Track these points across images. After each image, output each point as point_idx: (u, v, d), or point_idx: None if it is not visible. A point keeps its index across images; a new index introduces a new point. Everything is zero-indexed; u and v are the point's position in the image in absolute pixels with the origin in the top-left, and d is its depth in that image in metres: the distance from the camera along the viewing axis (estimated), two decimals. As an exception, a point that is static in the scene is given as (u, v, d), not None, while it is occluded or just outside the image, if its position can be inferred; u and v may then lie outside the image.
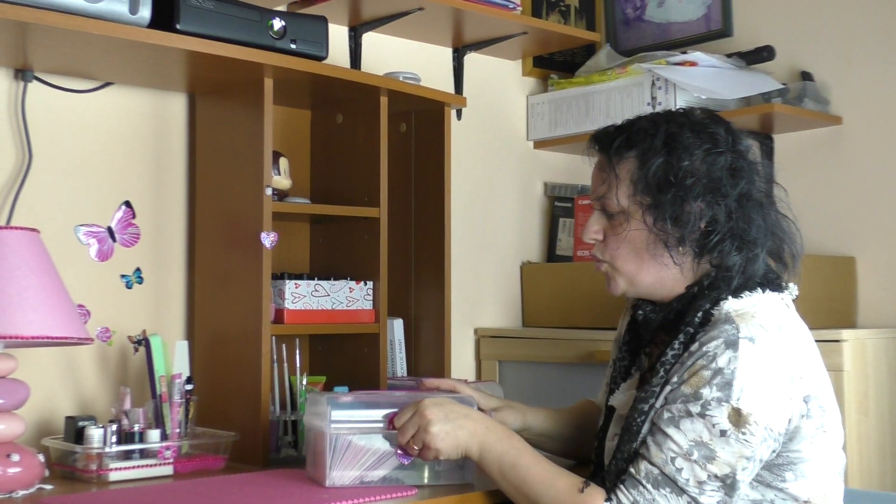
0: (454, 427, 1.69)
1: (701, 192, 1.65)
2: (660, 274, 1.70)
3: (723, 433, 1.53)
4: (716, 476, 1.53)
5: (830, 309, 2.56)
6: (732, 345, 1.55)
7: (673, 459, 1.54)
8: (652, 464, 1.56)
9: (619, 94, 2.77)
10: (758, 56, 2.77)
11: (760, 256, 1.68)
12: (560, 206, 3.00)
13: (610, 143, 1.72)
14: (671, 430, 1.55)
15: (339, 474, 1.71)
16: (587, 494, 1.60)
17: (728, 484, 1.54)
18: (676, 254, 1.67)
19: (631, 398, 1.72)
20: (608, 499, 1.58)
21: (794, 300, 1.73)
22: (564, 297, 2.80)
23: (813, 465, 1.61)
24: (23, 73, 2.04)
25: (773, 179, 1.77)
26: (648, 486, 1.55)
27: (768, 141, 2.82)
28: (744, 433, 1.53)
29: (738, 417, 1.52)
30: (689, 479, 1.53)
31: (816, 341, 1.70)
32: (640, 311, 1.76)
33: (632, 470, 1.58)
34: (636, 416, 1.63)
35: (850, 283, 2.69)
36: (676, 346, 1.64)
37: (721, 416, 1.53)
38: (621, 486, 1.58)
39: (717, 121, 1.74)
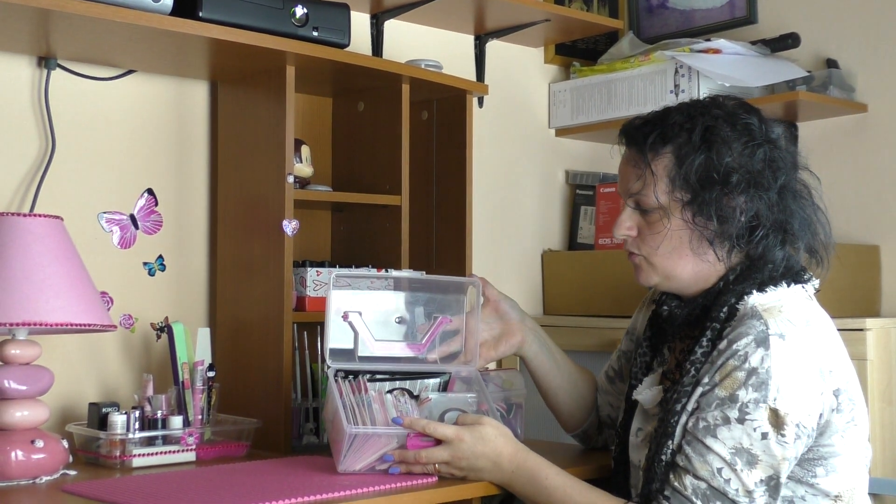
0: (476, 475, 1.70)
1: (744, 187, 1.63)
2: (698, 269, 1.68)
3: (763, 436, 1.51)
4: (761, 480, 1.52)
5: (854, 297, 2.55)
6: (763, 342, 1.53)
7: (719, 471, 1.52)
8: (698, 477, 1.53)
9: (641, 82, 2.76)
10: (782, 43, 2.75)
11: (801, 249, 1.67)
12: (582, 193, 2.99)
13: (643, 138, 1.69)
14: (710, 441, 1.53)
15: (354, 458, 1.72)
16: None
17: (773, 486, 1.52)
18: (720, 249, 1.66)
19: (658, 395, 1.71)
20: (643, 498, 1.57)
21: (815, 293, 1.71)
22: (585, 285, 2.79)
23: (843, 460, 1.59)
24: (46, 61, 2.04)
25: (808, 167, 1.74)
26: (697, 502, 1.53)
27: (792, 129, 2.80)
28: (783, 434, 1.51)
29: (776, 419, 1.51)
30: (738, 489, 1.51)
31: (840, 330, 1.69)
32: (665, 307, 1.75)
33: (676, 484, 1.55)
34: (670, 418, 1.60)
35: (874, 271, 2.67)
36: (704, 343, 1.62)
37: (761, 419, 1.51)
38: None
39: (748, 110, 1.71)
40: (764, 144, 1.66)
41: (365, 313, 1.87)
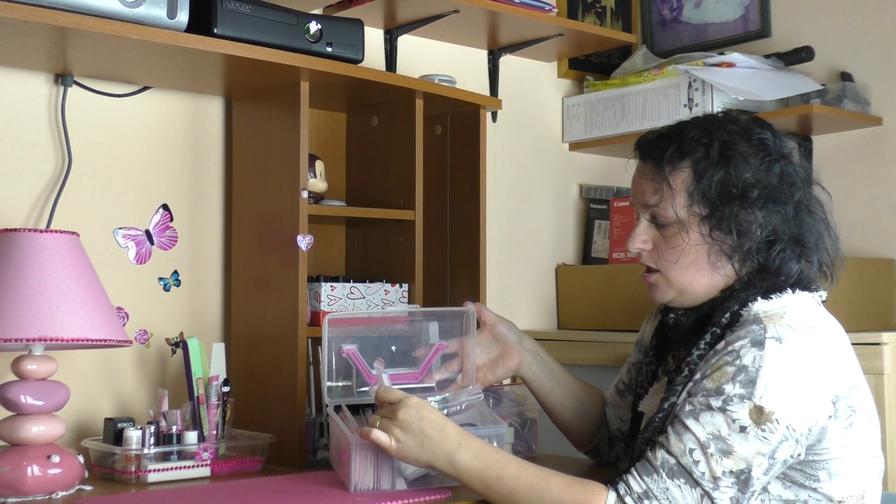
0: (420, 441, 1.63)
1: (763, 202, 1.65)
2: (712, 282, 1.69)
3: (742, 429, 1.52)
4: (731, 471, 1.52)
5: (870, 311, 2.54)
6: (758, 344, 1.55)
7: (691, 451, 1.53)
8: (669, 453, 1.55)
9: (655, 96, 2.76)
10: (796, 57, 2.75)
11: (814, 262, 1.68)
12: (595, 208, 2.99)
13: (660, 152, 1.70)
14: (690, 422, 1.55)
15: (364, 474, 1.72)
16: (587, 484, 1.58)
17: (742, 480, 1.53)
18: (737, 262, 1.67)
19: (659, 401, 1.71)
20: (610, 481, 1.58)
21: (822, 302, 1.72)
22: (600, 299, 2.79)
23: (845, 463, 1.59)
24: (63, 78, 2.06)
25: (819, 182, 1.75)
26: (663, 475, 1.54)
27: (807, 142, 2.79)
28: (764, 430, 1.51)
29: (759, 415, 1.51)
30: (704, 472, 1.52)
31: (856, 344, 1.68)
32: (672, 315, 1.76)
33: (649, 454, 1.58)
34: (657, 413, 1.64)
35: (890, 285, 2.65)
36: (702, 346, 1.64)
37: (742, 413, 1.52)
38: (633, 471, 1.57)
39: (762, 125, 1.73)
40: (779, 159, 1.68)
41: (361, 343, 1.87)
